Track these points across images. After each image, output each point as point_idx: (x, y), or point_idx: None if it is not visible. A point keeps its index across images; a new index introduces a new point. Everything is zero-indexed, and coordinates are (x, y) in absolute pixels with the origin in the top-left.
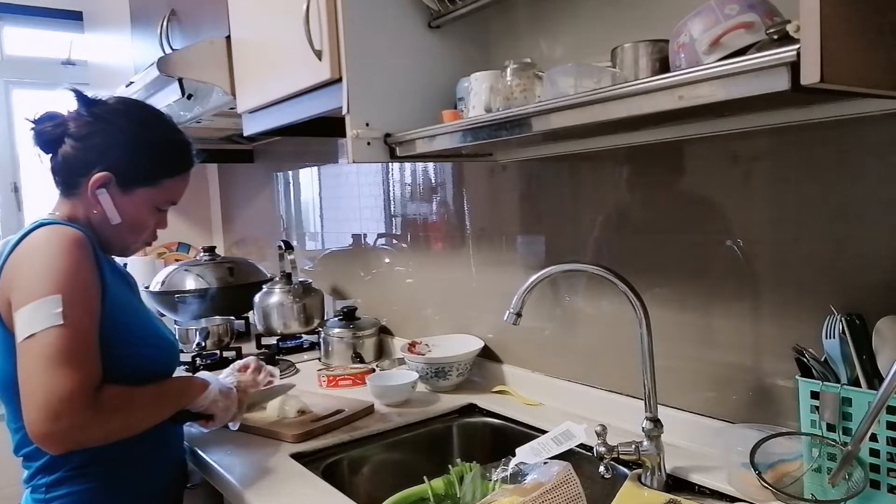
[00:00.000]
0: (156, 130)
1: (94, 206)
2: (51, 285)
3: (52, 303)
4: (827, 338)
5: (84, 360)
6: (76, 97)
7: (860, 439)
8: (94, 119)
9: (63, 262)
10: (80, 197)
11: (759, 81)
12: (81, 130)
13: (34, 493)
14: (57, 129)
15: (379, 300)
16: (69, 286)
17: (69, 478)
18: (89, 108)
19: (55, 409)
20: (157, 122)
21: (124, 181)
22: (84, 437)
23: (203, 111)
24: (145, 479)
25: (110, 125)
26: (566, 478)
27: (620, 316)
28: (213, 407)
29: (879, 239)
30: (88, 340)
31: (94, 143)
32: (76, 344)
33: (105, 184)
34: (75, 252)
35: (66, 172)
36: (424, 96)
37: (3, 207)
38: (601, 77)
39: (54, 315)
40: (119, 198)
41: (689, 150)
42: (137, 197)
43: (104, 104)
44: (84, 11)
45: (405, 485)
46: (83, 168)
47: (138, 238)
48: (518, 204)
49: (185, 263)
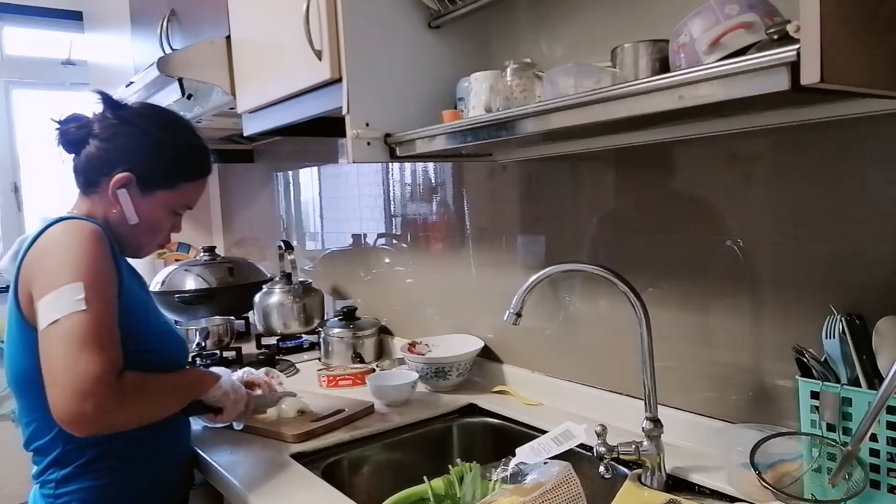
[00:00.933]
0: (178, 135)
1: (113, 205)
2: (72, 273)
3: (75, 289)
4: (827, 338)
5: (107, 344)
6: (102, 100)
7: (860, 439)
8: (120, 121)
9: (83, 252)
10: (101, 196)
11: (759, 81)
12: (106, 132)
13: (43, 489)
14: (81, 130)
15: (379, 300)
16: (90, 274)
17: (79, 474)
18: (115, 112)
19: (82, 390)
20: (179, 128)
21: (144, 183)
22: (108, 420)
23: (203, 111)
24: (153, 478)
25: (135, 128)
26: (566, 478)
27: (620, 316)
28: (223, 399)
29: (879, 239)
30: (111, 325)
31: (118, 144)
32: (99, 328)
33: (126, 184)
34: (94, 244)
35: (88, 172)
36: (424, 96)
37: (3, 207)
38: (601, 77)
39: (77, 301)
40: (138, 199)
41: (689, 150)
42: (156, 199)
43: (130, 108)
44: (84, 11)
45: (405, 485)
46: (106, 167)
47: (153, 240)
48: (518, 204)
49: (185, 263)
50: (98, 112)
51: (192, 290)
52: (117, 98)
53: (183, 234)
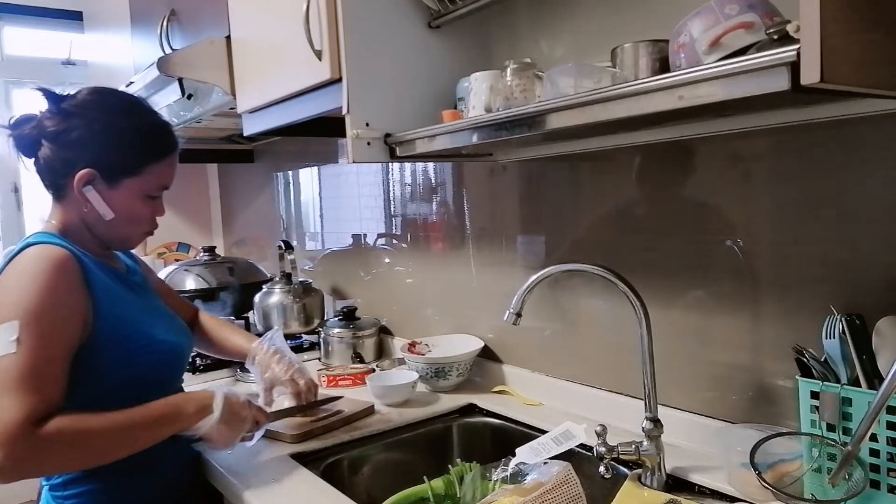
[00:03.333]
0: (130, 117)
1: (83, 204)
2: (13, 311)
3: (8, 330)
4: (827, 338)
5: (35, 387)
6: (44, 95)
7: (860, 439)
8: (65, 115)
9: (35, 285)
10: (70, 199)
11: (759, 81)
12: (56, 129)
13: (52, 491)
14: (33, 130)
15: (379, 300)
16: (36, 312)
17: (88, 475)
18: (58, 105)
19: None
20: (130, 109)
21: (108, 175)
22: (25, 470)
23: (203, 111)
24: (162, 478)
25: (82, 119)
26: (566, 478)
27: (620, 316)
28: (213, 435)
29: (880, 239)
30: (45, 367)
31: (69, 140)
32: (30, 371)
33: (90, 180)
34: (54, 276)
35: (49, 175)
36: (424, 96)
37: (3, 208)
38: (601, 77)
39: (9, 343)
40: (107, 192)
41: (689, 150)
42: (125, 188)
43: (73, 98)
44: (84, 11)
45: (405, 485)
46: (64, 168)
47: (137, 230)
48: (518, 204)
49: (185, 263)
50: (43, 109)
51: (192, 290)
52: (59, 90)
53: (183, 234)
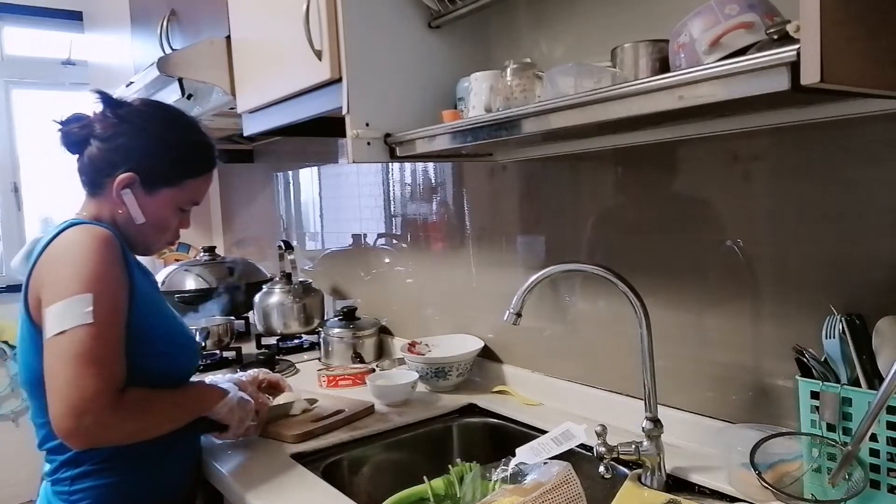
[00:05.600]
0: (179, 132)
1: (118, 206)
2: (81, 284)
3: (83, 301)
4: (827, 338)
5: (110, 359)
6: (101, 99)
7: (860, 439)
8: (119, 120)
9: (93, 261)
10: (106, 197)
11: (759, 81)
12: (106, 132)
13: (57, 486)
14: (83, 130)
15: (379, 300)
16: (99, 286)
17: (93, 472)
18: (114, 110)
19: (81, 406)
20: (180, 124)
21: (148, 182)
22: (106, 435)
23: (203, 111)
24: (166, 475)
25: (134, 127)
26: (566, 478)
27: (620, 316)
28: (228, 417)
29: (879, 238)
30: (115, 341)
31: (118, 144)
32: (104, 344)
33: (129, 184)
34: (105, 251)
35: (91, 173)
36: (424, 96)
37: (3, 207)
38: (601, 77)
39: (85, 314)
40: (143, 198)
41: (689, 150)
42: (161, 197)
43: (129, 106)
44: (84, 11)
45: (405, 485)
46: (108, 169)
47: (161, 238)
48: (518, 204)
49: (185, 263)
50: (98, 111)
51: (192, 290)
52: (117, 97)
53: (183, 233)
